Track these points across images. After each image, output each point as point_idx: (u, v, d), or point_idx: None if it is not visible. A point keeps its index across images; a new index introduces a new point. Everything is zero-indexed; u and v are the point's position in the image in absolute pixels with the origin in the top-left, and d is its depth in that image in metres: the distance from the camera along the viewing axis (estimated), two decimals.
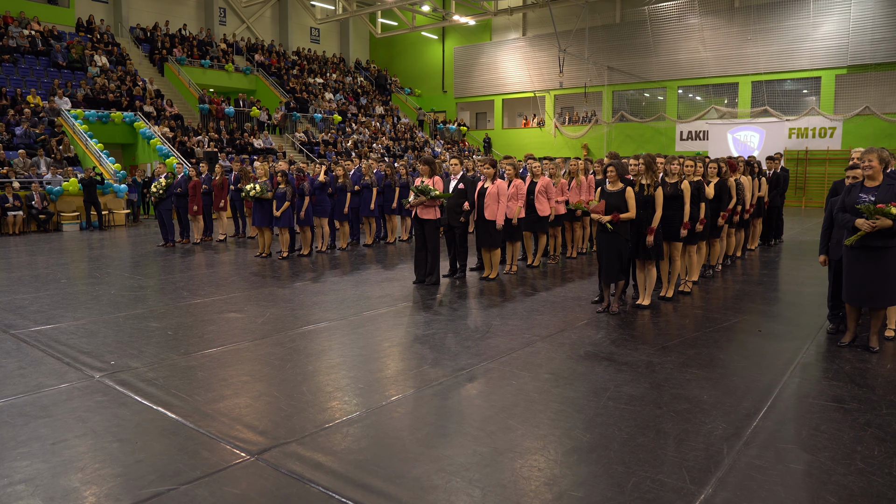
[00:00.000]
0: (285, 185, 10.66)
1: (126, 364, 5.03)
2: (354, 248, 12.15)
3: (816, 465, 3.31)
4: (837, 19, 23.47)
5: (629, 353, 5.29)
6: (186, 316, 6.68)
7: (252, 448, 3.52)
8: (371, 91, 32.55)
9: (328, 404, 4.19)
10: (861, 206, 5.20)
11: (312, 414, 4.02)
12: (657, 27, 27.22)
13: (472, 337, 5.80)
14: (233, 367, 4.96)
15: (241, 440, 3.62)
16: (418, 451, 3.48)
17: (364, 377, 4.77)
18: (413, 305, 7.17)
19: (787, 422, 3.89)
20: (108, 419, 3.94)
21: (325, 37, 33.60)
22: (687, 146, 27.28)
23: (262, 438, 3.64)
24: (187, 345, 5.58)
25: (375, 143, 27.25)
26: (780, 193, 12.41)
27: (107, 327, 6.21)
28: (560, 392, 4.37)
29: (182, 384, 4.56)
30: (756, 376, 4.72)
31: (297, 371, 4.87)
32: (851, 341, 5.56)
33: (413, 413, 4.06)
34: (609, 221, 6.47)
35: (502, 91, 32.86)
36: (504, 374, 4.76)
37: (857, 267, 5.35)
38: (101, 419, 3.94)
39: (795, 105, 25.13)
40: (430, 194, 8.09)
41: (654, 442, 3.58)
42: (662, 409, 4.08)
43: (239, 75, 26.61)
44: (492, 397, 4.31)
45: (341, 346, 5.60)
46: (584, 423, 3.85)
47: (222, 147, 20.80)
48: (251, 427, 3.81)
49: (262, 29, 30.64)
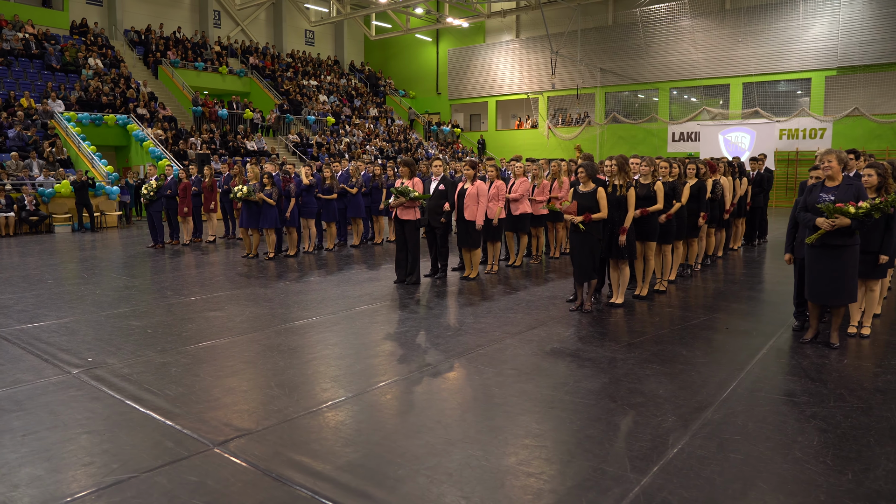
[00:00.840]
0: (271, 186, 10.79)
1: (103, 361, 5.15)
2: (341, 248, 12.28)
3: (755, 455, 3.44)
4: (827, 21, 23.65)
5: (594, 349, 5.42)
6: (167, 315, 6.81)
7: (215, 439, 3.65)
8: (366, 93, 32.70)
9: (291, 399, 4.32)
10: (821, 206, 5.33)
11: (275, 408, 4.15)
12: (649, 29, 27.39)
13: (443, 335, 5.93)
14: (206, 364, 5.09)
15: (204, 432, 3.75)
16: (374, 442, 3.61)
17: (331, 373, 4.90)
18: (391, 304, 7.30)
19: (736, 414, 4.02)
20: (80, 412, 4.07)
21: (320, 39, 33.76)
22: (679, 147, 27.43)
23: (225, 430, 3.77)
24: (164, 342, 5.71)
25: (369, 144, 27.39)
26: (764, 194, 12.57)
27: (88, 326, 6.33)
28: (520, 386, 4.50)
29: (155, 379, 4.69)
30: (714, 371, 4.85)
31: (268, 368, 5.01)
32: (813, 338, 5.69)
33: (371, 407, 4.19)
34: (581, 222, 6.61)
35: (496, 93, 33.03)
36: (469, 370, 4.90)
37: (817, 265, 5.48)
38: (73, 412, 4.07)
39: (786, 106, 25.30)
40: (409, 195, 8.23)
41: (602, 434, 3.71)
42: (617, 402, 4.21)
43: (233, 78, 26.76)
44: (453, 392, 4.44)
45: (313, 343, 5.73)
46: (538, 415, 3.99)
47: (215, 149, 20.95)
48: (216, 420, 3.93)
49: (257, 31, 30.80)
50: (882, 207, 5.24)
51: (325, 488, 3.10)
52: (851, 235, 5.33)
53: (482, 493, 3.03)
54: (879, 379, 4.70)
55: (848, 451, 3.49)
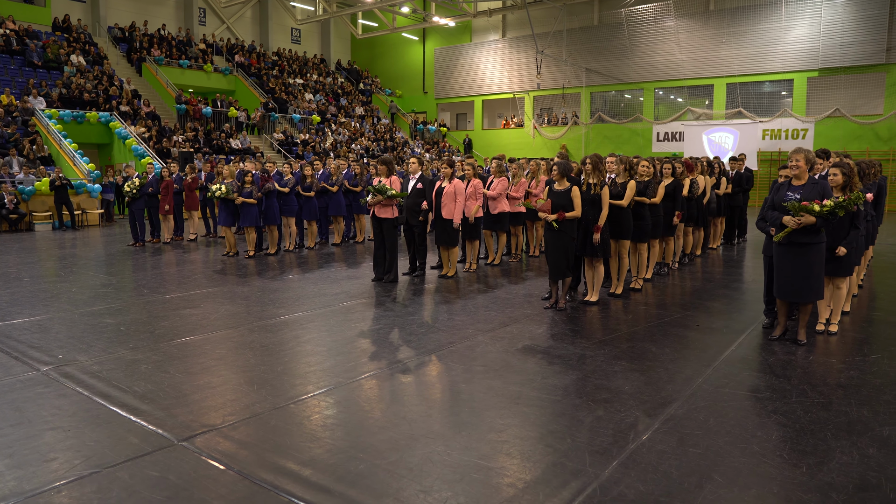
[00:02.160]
0: (251, 184, 10.77)
1: (73, 358, 5.14)
2: (322, 247, 12.27)
3: (713, 449, 3.50)
4: (808, 23, 23.88)
5: (565, 346, 5.47)
6: (142, 312, 6.79)
7: (181, 434, 3.66)
8: (352, 91, 32.64)
9: (257, 396, 4.33)
10: (787, 204, 5.41)
11: (242, 404, 4.16)
12: (634, 29, 27.53)
13: (416, 332, 5.96)
14: (177, 361, 5.09)
15: (170, 427, 3.76)
16: (337, 438, 3.63)
17: (301, 370, 4.91)
18: (367, 302, 7.32)
19: (699, 410, 4.08)
20: (46, 409, 4.06)
21: (306, 37, 33.66)
22: (663, 147, 27.62)
23: (192, 426, 3.78)
24: (137, 340, 5.70)
25: (354, 143, 27.36)
26: (744, 193, 12.70)
27: (62, 324, 6.31)
28: (487, 383, 4.54)
29: (124, 377, 4.68)
30: (681, 368, 4.92)
31: (239, 364, 5.01)
32: (782, 335, 5.78)
33: (338, 404, 4.22)
34: (555, 220, 6.66)
35: (482, 92, 33.06)
36: (438, 366, 4.93)
37: (785, 263, 5.56)
38: (39, 409, 4.06)
39: (769, 107, 25.53)
40: (386, 193, 8.25)
41: (566, 429, 3.76)
42: (583, 398, 4.26)
43: (218, 76, 26.63)
44: (420, 388, 4.47)
45: (286, 341, 5.74)
46: (503, 410, 4.02)
47: (199, 147, 20.84)
48: (183, 416, 3.94)
49: (243, 29, 30.67)
50: (846, 205, 5.33)
51: (285, 482, 3.12)
52: (817, 233, 5.41)
53: (441, 487, 3.07)
54: (843, 375, 4.78)
55: (804, 444, 3.56)
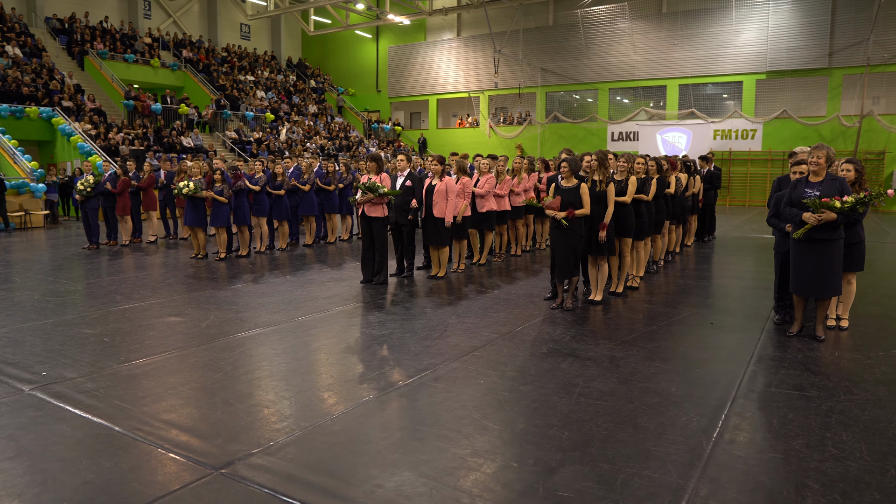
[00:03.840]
0: (222, 182, 10.20)
1: (60, 375, 4.60)
2: (294, 248, 11.76)
3: (793, 453, 3.34)
4: (757, 27, 24.63)
5: (591, 348, 5.27)
6: (122, 321, 6.23)
7: (213, 462, 3.25)
8: (305, 89, 31.86)
9: (287, 413, 3.94)
10: (807, 201, 5.36)
11: (272, 423, 3.77)
12: (589, 30, 27.83)
13: (430, 336, 5.64)
14: (180, 374, 4.62)
15: (198, 453, 3.34)
16: (395, 458, 3.30)
17: (325, 382, 4.53)
18: (364, 305, 6.95)
19: (756, 411, 3.93)
20: (46, 437, 3.57)
21: (256, 33, 32.66)
22: (618, 146, 27.99)
23: (219, 451, 3.37)
24: (127, 351, 5.18)
25: (310, 142, 26.66)
26: (714, 191, 12.88)
27: (34, 335, 5.70)
28: (530, 389, 4.28)
29: (126, 394, 4.20)
30: (718, 368, 4.78)
31: (252, 376, 4.59)
32: (798, 331, 5.74)
33: (382, 417, 3.87)
34: (564, 217, 6.46)
35: (437, 91, 32.83)
36: (470, 372, 4.63)
37: (803, 259, 5.51)
38: (37, 437, 3.56)
39: (720, 108, 26.23)
40: (377, 192, 7.88)
41: (633, 437, 3.53)
42: (634, 403, 4.05)
43: (166, 71, 25.46)
44: (462, 397, 4.17)
45: (295, 348, 5.33)
46: (560, 420, 3.77)
47: (149, 145, 19.83)
48: (206, 438, 3.52)
49: (190, 24, 29.46)
50: (866, 201, 5.31)
51: None
52: (836, 229, 5.38)
53: None
54: (876, 370, 4.73)
55: (880, 445, 3.43)
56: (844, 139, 23.69)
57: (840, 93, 23.80)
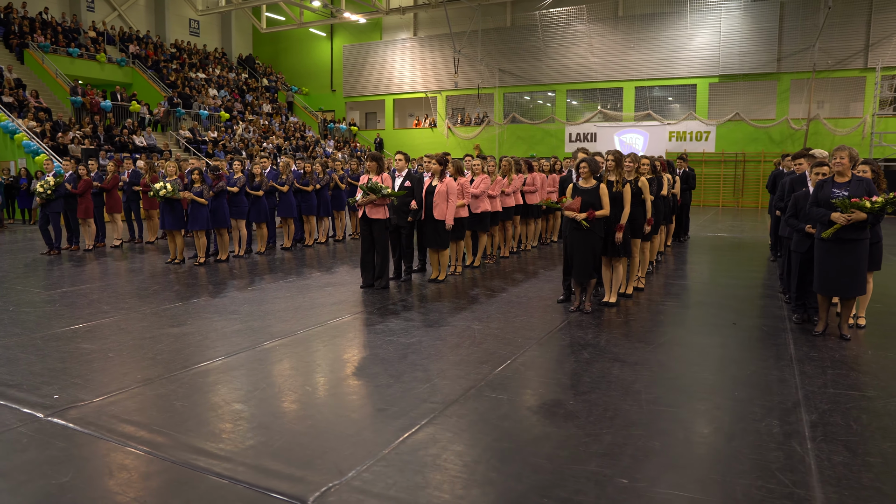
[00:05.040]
0: (201, 183, 9.68)
1: (75, 397, 4.15)
2: (272, 251, 11.29)
3: (891, 458, 3.28)
4: (710, 32, 25.33)
5: (631, 352, 5.15)
6: (120, 334, 5.75)
7: (304, 490, 2.94)
8: (258, 88, 30.96)
9: (373, 432, 3.65)
10: (836, 201, 5.39)
11: (360, 448, 3.47)
12: (547, 32, 28.04)
13: (462, 344, 5.41)
14: (213, 393, 4.26)
15: (290, 483, 3.02)
16: (520, 488, 3.07)
17: (391, 401, 4.25)
18: (377, 312, 6.64)
19: (829, 413, 3.87)
20: (100, 477, 3.16)
21: (205, 30, 31.52)
22: (576, 147, 28.30)
23: (311, 480, 3.07)
24: (141, 368, 4.75)
25: (266, 141, 25.90)
26: (689, 191, 13.09)
27: (26, 352, 5.17)
28: (595, 398, 4.11)
29: (164, 419, 3.81)
30: (763, 368, 4.73)
31: (311, 400, 4.26)
32: (823, 330, 5.78)
33: (471, 437, 3.62)
34: (584, 219, 6.34)
35: (393, 91, 32.48)
36: (524, 381, 4.43)
37: (830, 259, 5.55)
38: (91, 478, 3.15)
39: (675, 110, 26.87)
40: (380, 192, 7.59)
41: (725, 445, 3.41)
42: (707, 408, 3.94)
43: (113, 67, 24.22)
44: (531, 408, 3.96)
45: (332, 362, 5.00)
46: (642, 429, 3.61)
47: (100, 144, 18.79)
48: (287, 467, 3.21)
49: (136, 18, 28.16)
50: (895, 201, 5.38)
51: None
52: (864, 229, 5.44)
53: None
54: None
55: None
56: (793, 141, 24.61)
57: (788, 97, 24.73)
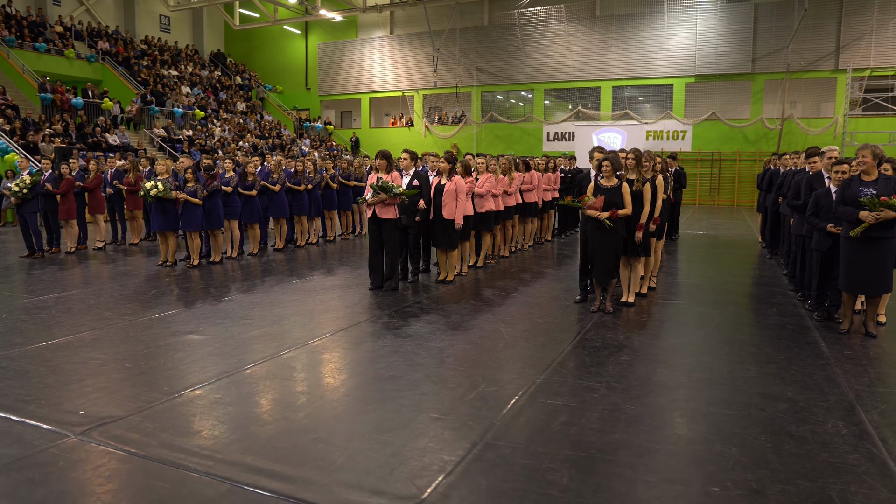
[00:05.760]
0: (195, 182, 9.34)
1: (105, 413, 3.88)
2: (263, 252, 10.95)
3: None
4: (686, 33, 25.64)
5: (668, 353, 5.08)
6: (131, 342, 5.44)
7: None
8: (232, 86, 30.33)
9: (451, 448, 3.47)
10: (864, 199, 5.40)
11: (434, 464, 3.29)
12: (525, 31, 28.05)
13: (494, 347, 5.26)
14: (254, 404, 4.02)
15: (382, 494, 2.84)
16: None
17: (449, 406, 4.07)
18: (398, 315, 6.44)
19: (889, 413, 3.83)
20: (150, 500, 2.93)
21: (176, 26, 30.74)
22: (554, 146, 28.40)
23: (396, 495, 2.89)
24: (166, 379, 4.48)
25: (242, 140, 25.37)
26: (679, 190, 13.18)
27: (34, 363, 4.85)
28: (652, 402, 4.01)
29: (213, 435, 3.58)
30: (807, 368, 4.68)
31: (365, 405, 4.05)
32: (849, 328, 5.78)
33: (543, 446, 3.48)
34: (607, 218, 6.25)
35: (369, 90, 32.16)
36: (576, 387, 4.30)
37: (857, 257, 5.55)
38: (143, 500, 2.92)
39: (652, 109, 27.13)
40: (391, 192, 7.39)
41: (800, 448, 3.33)
42: (767, 411, 3.86)
43: (82, 63, 23.42)
44: (595, 416, 3.83)
45: (375, 370, 4.80)
46: (717, 435, 3.51)
47: (72, 143, 18.13)
48: (379, 483, 3.02)
49: (105, 13, 27.30)
50: None
51: None
52: (891, 227, 5.45)
53: None
54: None
55: None
56: (767, 140, 25.09)
57: (762, 97, 25.18)
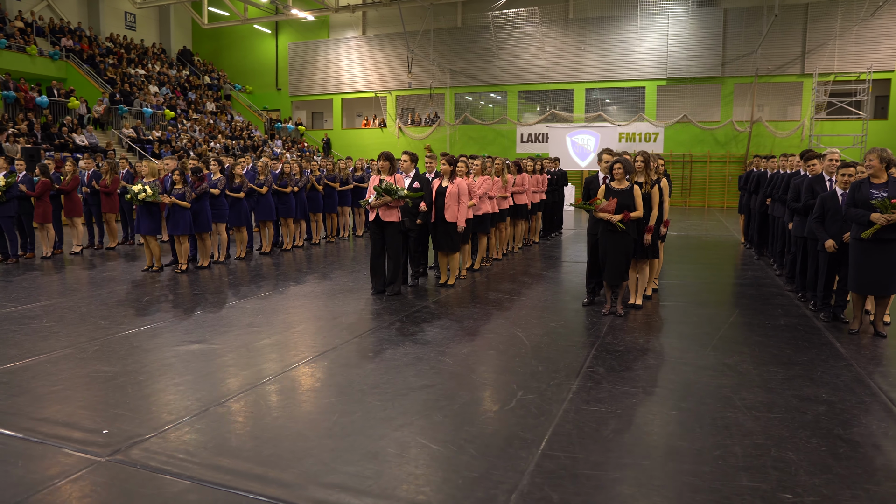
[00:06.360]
0: (182, 184, 9.04)
1: (127, 431, 3.66)
2: (250, 256, 10.67)
3: None
4: (658, 36, 26.01)
5: (693, 356, 5.06)
6: (138, 353, 5.20)
7: None
8: (201, 86, 29.66)
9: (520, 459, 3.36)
10: (876, 202, 5.48)
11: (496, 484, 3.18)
12: (499, 33, 28.10)
13: (518, 353, 5.18)
14: (288, 417, 3.86)
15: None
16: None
17: (494, 418, 3.96)
18: (410, 321, 6.30)
19: None
20: None
21: (142, 24, 29.94)
22: (528, 148, 28.51)
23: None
24: (187, 392, 4.28)
25: (213, 141, 24.83)
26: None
27: (39, 379, 4.58)
28: (691, 407, 3.97)
29: (257, 454, 3.40)
30: (833, 369, 4.72)
31: (431, 421, 3.92)
32: (858, 329, 5.87)
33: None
34: (620, 220, 6.23)
35: (341, 90, 31.82)
36: (612, 393, 4.25)
37: (867, 259, 5.63)
38: None
39: (624, 112, 27.46)
40: (396, 194, 7.26)
41: (856, 452, 3.33)
42: (808, 413, 3.87)
43: (45, 60, 22.59)
44: (641, 421, 3.78)
45: (403, 370, 4.66)
46: (767, 439, 3.49)
47: (37, 143, 17.46)
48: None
49: (67, 9, 26.41)
50: None
51: None
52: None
53: None
54: None
55: None
56: (737, 143, 25.62)
57: (732, 100, 25.70)
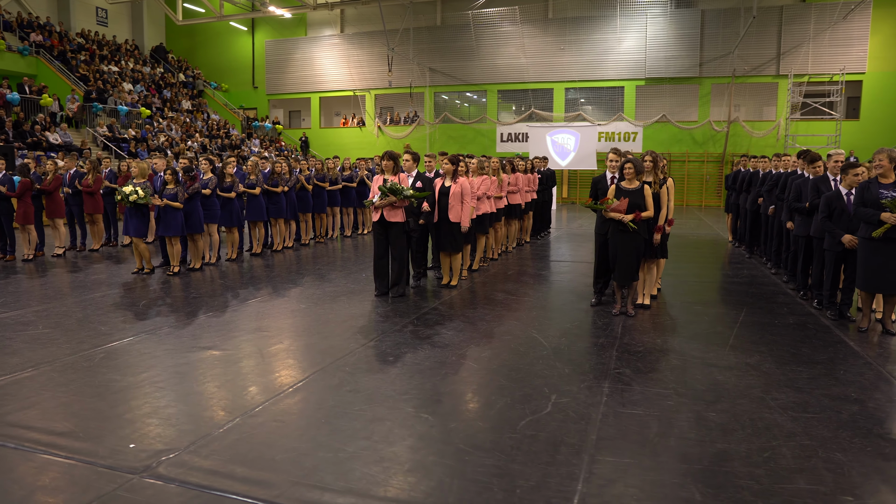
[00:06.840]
0: (174, 184, 8.81)
1: (155, 446, 3.51)
2: (241, 258, 10.44)
3: None
4: (636, 36, 26.24)
5: (715, 356, 5.06)
6: (147, 358, 5.01)
7: None
8: (176, 84, 29.08)
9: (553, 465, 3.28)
10: (886, 201, 5.55)
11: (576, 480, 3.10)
12: (479, 32, 28.08)
13: (540, 355, 5.12)
14: (324, 427, 3.74)
15: None
16: None
17: (534, 424, 3.88)
18: (422, 323, 6.20)
19: None
20: None
21: (114, 20, 29.23)
22: (508, 147, 28.52)
23: None
24: (212, 401, 4.12)
25: (191, 140, 24.35)
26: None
27: (48, 389, 4.38)
28: (727, 408, 3.95)
29: (296, 469, 3.28)
30: (854, 367, 4.76)
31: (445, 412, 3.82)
32: (867, 326, 5.94)
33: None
34: (631, 220, 6.21)
35: (319, 89, 31.49)
36: (646, 395, 4.21)
37: (875, 257, 5.71)
38: None
39: (604, 111, 27.65)
40: (401, 194, 7.15)
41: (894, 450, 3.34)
42: (843, 413, 3.88)
43: (14, 56, 21.88)
44: (676, 423, 3.74)
45: (431, 376, 4.55)
46: (808, 437, 3.48)
47: (9, 141, 16.90)
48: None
49: (37, 5, 25.62)
50: None
51: None
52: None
53: None
54: None
55: None
56: (714, 142, 25.98)
57: (710, 100, 26.05)
